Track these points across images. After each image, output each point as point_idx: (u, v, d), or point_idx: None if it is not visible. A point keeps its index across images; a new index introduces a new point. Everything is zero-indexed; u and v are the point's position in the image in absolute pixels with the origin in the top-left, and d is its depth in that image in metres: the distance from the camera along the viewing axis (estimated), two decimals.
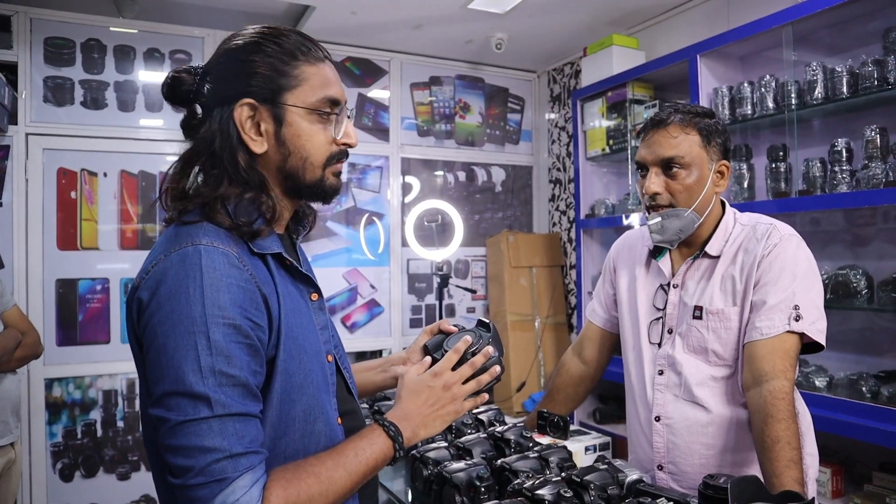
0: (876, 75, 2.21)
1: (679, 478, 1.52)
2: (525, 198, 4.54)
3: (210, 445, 0.83)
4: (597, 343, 1.81)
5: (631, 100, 3.28)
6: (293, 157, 1.01)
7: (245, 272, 0.92)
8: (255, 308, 0.91)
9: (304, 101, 1.00)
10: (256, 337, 0.90)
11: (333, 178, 1.06)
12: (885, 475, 2.22)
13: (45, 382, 3.17)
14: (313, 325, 1.04)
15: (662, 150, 1.48)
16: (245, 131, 0.99)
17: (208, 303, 0.86)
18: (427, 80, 4.21)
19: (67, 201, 3.25)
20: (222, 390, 0.85)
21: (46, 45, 3.20)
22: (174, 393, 0.84)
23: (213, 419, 0.83)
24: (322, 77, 1.02)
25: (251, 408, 0.88)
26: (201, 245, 0.90)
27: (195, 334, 0.85)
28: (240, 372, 0.87)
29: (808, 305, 1.38)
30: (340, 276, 3.90)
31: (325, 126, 1.02)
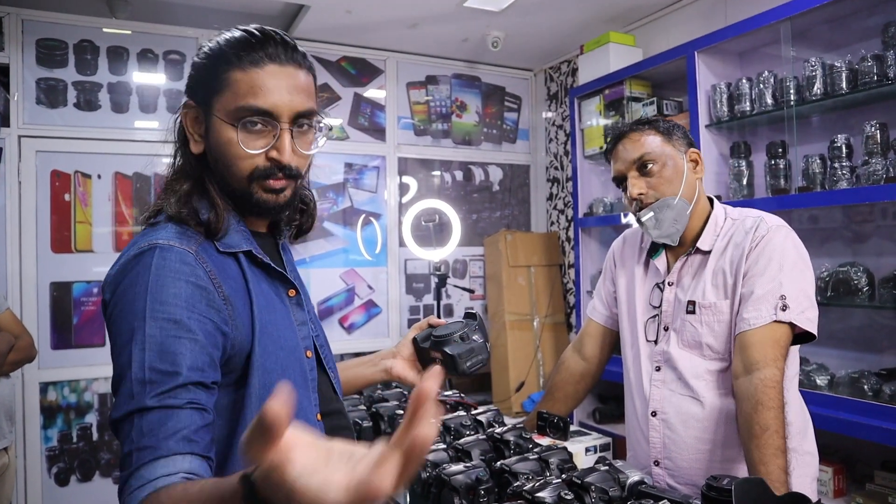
0: (875, 70, 2.20)
1: (675, 473, 1.54)
2: (523, 197, 4.52)
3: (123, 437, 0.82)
4: (597, 340, 1.82)
5: (629, 97, 3.26)
6: (218, 164, 1.00)
7: (200, 269, 0.91)
8: (207, 304, 0.90)
9: (224, 107, 0.96)
10: (205, 332, 0.88)
11: (265, 193, 0.99)
12: (887, 474, 2.20)
13: (39, 386, 3.14)
14: (290, 321, 1.04)
15: (630, 153, 1.55)
16: (189, 130, 1.02)
17: (150, 298, 0.86)
18: (423, 79, 4.19)
19: (61, 204, 3.22)
20: (147, 387, 0.82)
21: (38, 46, 3.18)
22: (115, 389, 0.86)
23: (134, 414, 0.81)
24: (249, 83, 0.95)
25: (173, 400, 0.82)
26: (158, 243, 0.91)
27: (134, 330, 0.85)
28: (172, 367, 0.83)
29: (797, 295, 1.39)
30: (337, 277, 3.87)
31: (247, 139, 0.96)
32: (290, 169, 0.99)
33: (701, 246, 1.54)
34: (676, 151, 1.54)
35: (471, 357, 1.25)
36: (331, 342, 1.21)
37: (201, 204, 0.99)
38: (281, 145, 0.97)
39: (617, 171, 1.58)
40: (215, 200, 1.00)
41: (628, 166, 1.55)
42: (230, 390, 0.95)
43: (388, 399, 2.01)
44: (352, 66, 3.94)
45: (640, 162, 1.53)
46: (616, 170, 1.58)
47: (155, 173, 3.43)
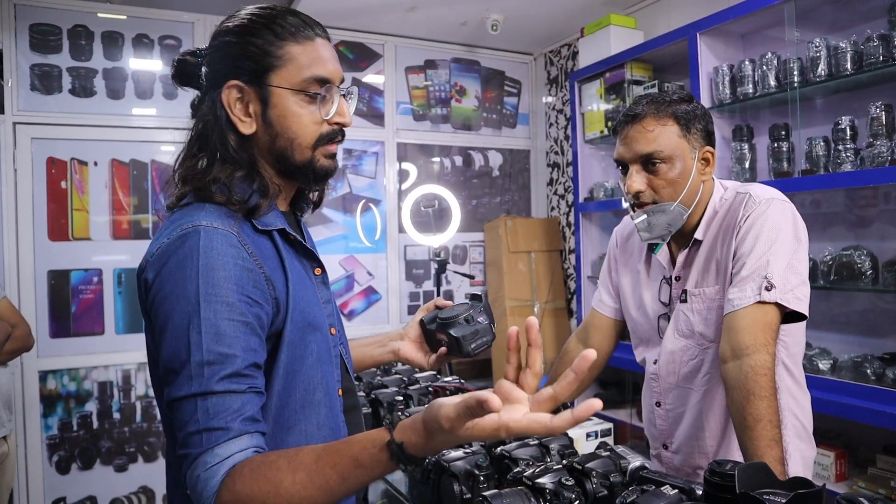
0: (881, 51, 2.16)
1: (681, 457, 1.55)
2: (523, 182, 4.49)
3: (186, 418, 0.86)
4: (604, 332, 1.77)
5: (629, 80, 3.22)
6: (280, 139, 1.02)
7: (244, 251, 0.94)
8: (253, 286, 0.93)
9: (289, 81, 1.00)
10: (254, 315, 0.92)
11: (325, 159, 1.05)
12: (889, 458, 2.20)
13: (38, 375, 3.14)
14: (317, 298, 1.07)
15: (639, 146, 1.41)
16: (233, 112, 1.01)
17: (202, 282, 0.89)
18: (422, 63, 4.14)
19: (58, 191, 3.20)
20: (207, 369, 0.86)
21: (32, 31, 3.14)
22: (170, 370, 0.88)
23: (198, 396, 0.86)
24: (309, 56, 1.01)
25: (237, 385, 0.88)
26: (201, 226, 0.92)
27: (189, 313, 0.88)
28: (229, 349, 0.88)
29: (785, 272, 1.32)
30: (337, 264, 3.86)
31: (315, 106, 1.01)
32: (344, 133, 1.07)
33: (698, 236, 1.48)
34: (689, 148, 1.42)
35: (475, 339, 1.25)
36: None
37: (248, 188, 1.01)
38: (343, 109, 1.05)
39: (619, 155, 1.46)
40: (266, 182, 1.02)
41: (634, 158, 1.43)
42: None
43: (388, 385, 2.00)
44: (349, 50, 3.89)
45: (647, 158, 1.41)
46: (619, 154, 1.46)
47: (152, 160, 3.40)
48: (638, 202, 1.45)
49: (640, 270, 1.65)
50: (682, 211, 1.45)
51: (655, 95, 1.46)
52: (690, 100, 1.46)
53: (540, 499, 1.12)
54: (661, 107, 1.42)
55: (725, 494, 1.02)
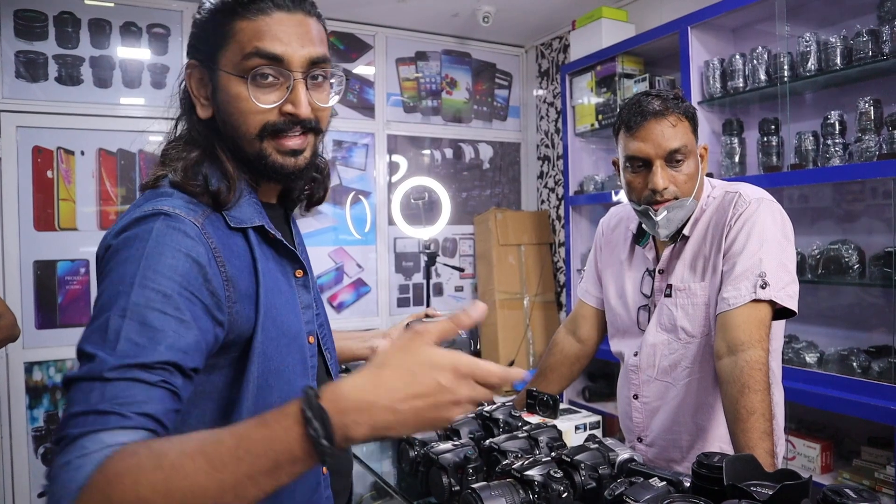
0: (870, 46, 2.17)
1: (655, 451, 1.57)
2: (513, 175, 4.49)
3: (78, 398, 0.70)
4: (592, 322, 1.79)
5: (620, 74, 3.22)
6: (227, 126, 0.92)
7: (201, 245, 0.83)
8: (201, 283, 0.82)
9: (231, 60, 0.89)
10: (194, 314, 0.79)
11: (279, 155, 0.92)
12: (873, 449, 2.22)
13: (24, 366, 3.10)
14: (295, 304, 0.97)
15: (667, 141, 1.40)
16: (194, 94, 0.95)
17: (143, 265, 0.78)
18: (413, 55, 4.12)
19: (44, 181, 3.16)
20: (116, 354, 0.72)
21: (16, 17, 3.09)
22: (79, 349, 0.75)
23: (96, 380, 0.71)
24: (255, 30, 0.87)
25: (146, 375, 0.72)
26: (163, 210, 0.84)
27: (118, 294, 0.77)
28: (150, 342, 0.74)
29: (777, 270, 1.35)
30: (326, 256, 3.84)
31: (259, 91, 0.89)
32: (309, 122, 0.92)
33: (686, 232, 1.50)
34: (695, 145, 1.45)
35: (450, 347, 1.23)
36: None
37: (212, 173, 0.92)
38: (296, 97, 0.90)
39: (642, 152, 1.41)
40: (227, 168, 0.92)
41: (660, 153, 1.40)
42: (227, 371, 0.89)
43: None
44: (340, 41, 3.87)
45: (673, 153, 1.40)
46: (640, 150, 1.41)
47: (140, 150, 3.36)
48: (661, 198, 1.43)
49: (624, 261, 1.66)
50: (694, 206, 1.48)
51: (661, 92, 1.47)
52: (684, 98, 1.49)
53: (529, 491, 1.12)
54: (676, 103, 1.43)
55: (713, 486, 1.02)
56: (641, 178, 1.45)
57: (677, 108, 1.42)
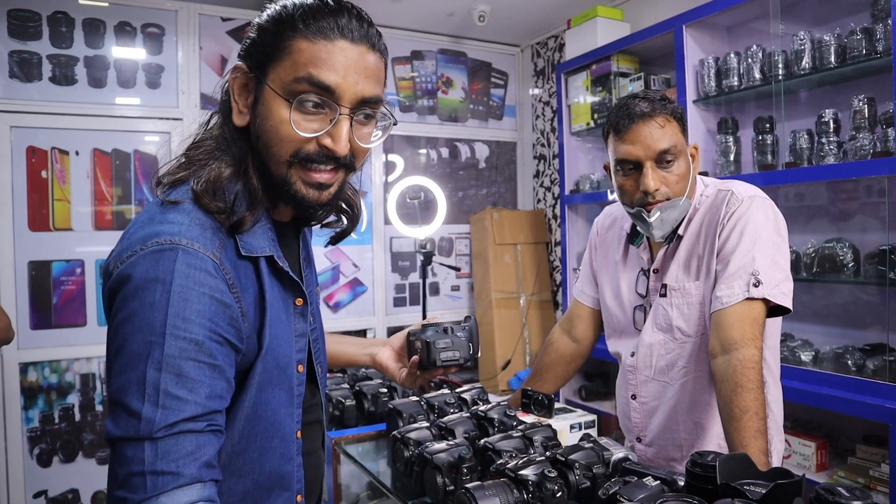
0: (864, 44, 2.17)
1: (654, 451, 1.57)
2: (509, 174, 4.49)
3: (130, 456, 0.74)
4: (587, 321, 1.79)
5: (616, 73, 3.22)
6: (261, 142, 0.89)
7: (223, 281, 0.82)
8: (228, 323, 0.82)
9: (280, 77, 0.85)
10: (224, 355, 0.81)
11: (305, 186, 0.89)
12: (868, 448, 2.22)
13: (19, 367, 3.09)
14: (290, 334, 0.96)
15: (657, 143, 1.39)
16: (234, 98, 0.91)
17: (171, 312, 0.77)
18: (408, 54, 4.12)
19: (38, 181, 3.15)
20: (160, 411, 0.75)
21: (10, 17, 3.08)
22: (118, 403, 0.77)
23: (145, 441, 0.74)
24: (314, 55, 0.84)
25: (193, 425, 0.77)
26: (180, 245, 0.80)
27: (151, 344, 0.76)
28: (190, 394, 0.76)
29: (770, 268, 1.35)
30: (322, 255, 3.84)
31: (304, 117, 0.85)
32: (344, 159, 0.89)
33: (679, 231, 1.50)
34: (685, 144, 1.45)
35: (446, 349, 1.23)
36: None
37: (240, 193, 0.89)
38: (337, 132, 0.86)
39: (631, 154, 1.41)
40: (254, 190, 0.89)
41: (650, 155, 1.40)
42: None
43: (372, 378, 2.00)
44: None
45: (663, 154, 1.40)
46: (630, 153, 1.41)
47: (135, 150, 3.36)
48: (653, 200, 1.43)
49: (618, 261, 1.66)
50: (687, 205, 1.47)
51: (651, 94, 1.46)
52: (672, 99, 1.49)
53: (523, 490, 1.12)
54: (664, 105, 1.43)
55: (706, 485, 1.02)
56: (632, 180, 1.44)
57: (664, 109, 1.42)
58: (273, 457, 0.93)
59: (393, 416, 1.60)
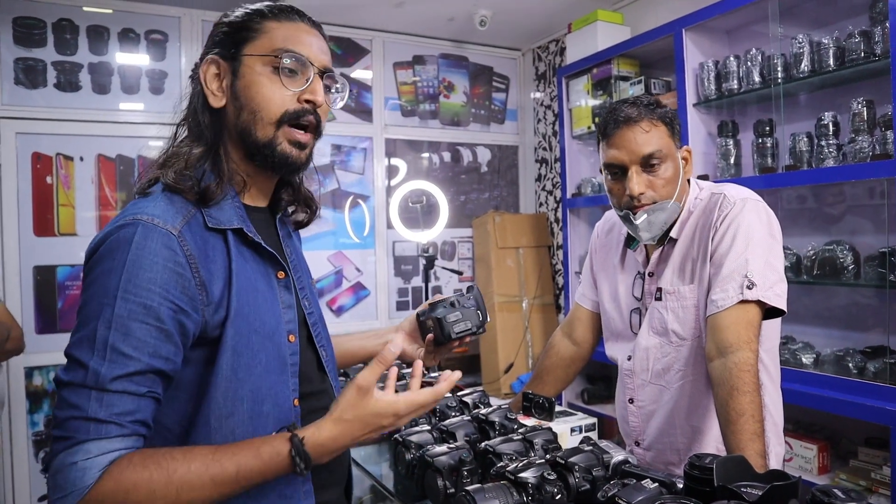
0: (862, 47, 2.18)
1: (653, 454, 1.57)
2: (511, 178, 4.50)
3: (75, 403, 0.83)
4: (588, 325, 1.80)
5: (616, 76, 3.24)
6: (245, 111, 1.00)
7: (180, 254, 0.90)
8: (181, 291, 0.90)
9: (259, 50, 0.99)
10: (175, 322, 0.89)
11: (289, 145, 1.01)
12: (870, 450, 2.22)
13: (24, 371, 3.12)
14: (274, 304, 1.03)
15: (640, 147, 1.42)
16: (207, 86, 1.02)
17: (125, 278, 0.86)
18: (410, 59, 4.14)
19: (43, 187, 3.18)
20: (106, 365, 0.83)
21: (15, 24, 3.11)
22: (70, 355, 0.86)
23: (91, 390, 0.83)
24: (287, 32, 1.00)
25: (135, 387, 0.85)
26: (141, 220, 0.90)
27: (103, 305, 0.86)
28: (134, 351, 0.85)
29: (764, 270, 1.36)
30: (325, 260, 3.85)
31: (284, 80, 1.00)
32: (318, 117, 1.03)
33: (673, 234, 1.51)
34: (675, 147, 1.47)
35: (458, 322, 1.27)
36: None
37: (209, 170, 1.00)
38: (314, 87, 1.01)
39: (616, 159, 1.44)
40: (223, 167, 1.00)
41: (634, 159, 1.43)
42: (198, 367, 0.95)
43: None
44: (337, 45, 3.88)
45: (648, 158, 1.42)
46: (615, 158, 1.44)
47: (139, 155, 3.38)
48: (639, 203, 1.45)
49: (616, 265, 1.68)
50: (676, 208, 1.49)
51: (638, 99, 1.48)
52: (663, 104, 1.50)
53: (522, 493, 1.13)
54: (650, 109, 1.45)
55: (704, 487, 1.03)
56: (620, 184, 1.47)
57: (651, 113, 1.44)
58: (267, 421, 0.99)
59: None
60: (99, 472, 0.80)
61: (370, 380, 0.90)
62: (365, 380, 0.90)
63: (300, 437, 0.88)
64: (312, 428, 0.90)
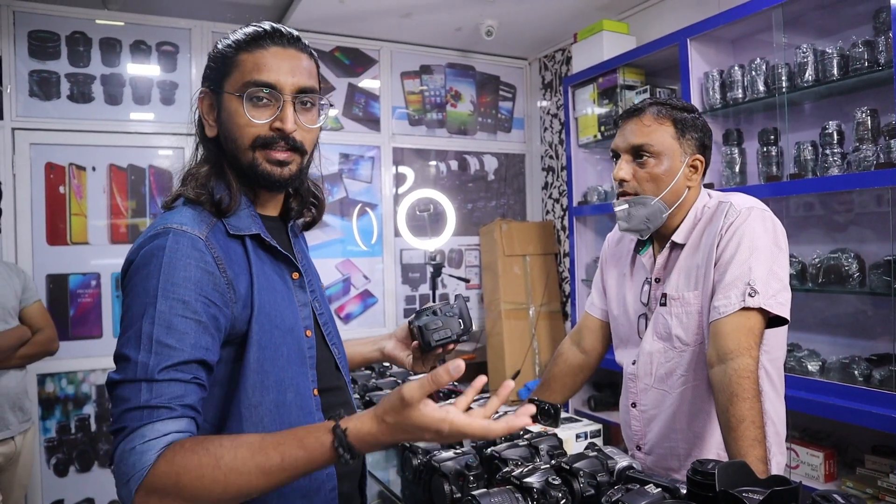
0: (866, 56, 2.20)
1: (653, 459, 1.58)
2: (518, 186, 4.52)
3: (127, 396, 0.89)
4: (597, 334, 1.82)
5: (622, 85, 3.26)
6: (227, 141, 1.09)
7: (209, 255, 0.99)
8: (213, 288, 0.98)
9: (233, 85, 1.07)
10: (210, 315, 0.97)
11: (268, 164, 1.07)
12: (877, 458, 2.22)
13: (37, 378, 3.16)
14: (291, 301, 1.11)
15: (633, 137, 1.50)
16: (204, 116, 1.12)
17: (163, 278, 0.94)
18: (417, 68, 4.18)
19: (56, 196, 3.23)
20: (153, 357, 0.90)
21: (31, 38, 3.17)
22: (119, 355, 0.93)
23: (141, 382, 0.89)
24: (254, 63, 1.06)
25: (181, 375, 0.92)
26: (171, 228, 0.99)
27: (146, 304, 0.93)
28: (177, 343, 0.92)
29: (767, 278, 1.37)
30: (333, 267, 3.88)
31: (252, 111, 1.05)
32: (294, 140, 1.07)
33: (675, 239, 1.53)
34: (681, 152, 1.49)
35: (438, 330, 1.30)
36: None
37: (218, 185, 1.08)
38: (284, 115, 1.06)
39: (615, 144, 1.55)
40: (230, 181, 1.08)
41: (626, 147, 1.52)
42: (229, 363, 1.03)
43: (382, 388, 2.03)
44: (345, 56, 3.93)
45: (638, 149, 1.49)
46: (614, 143, 1.55)
47: (150, 165, 3.43)
48: (622, 190, 1.53)
49: (626, 272, 1.70)
50: (661, 208, 1.51)
51: (663, 99, 1.55)
52: (693, 110, 1.53)
53: (528, 498, 1.14)
54: (662, 108, 1.50)
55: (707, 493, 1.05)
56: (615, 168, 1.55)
57: (662, 111, 1.49)
58: (290, 410, 1.06)
59: None
60: (156, 455, 0.86)
61: (415, 396, 0.87)
62: (410, 395, 0.87)
63: (343, 427, 0.89)
64: (355, 420, 0.91)
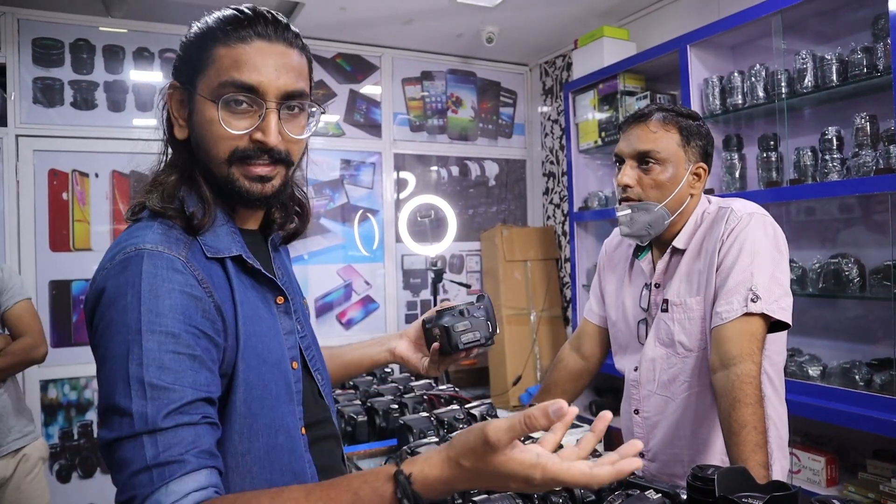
0: (865, 62, 2.21)
1: (657, 466, 1.58)
2: (519, 191, 4.53)
3: (129, 458, 0.75)
4: (596, 339, 1.82)
5: (622, 91, 3.27)
6: (200, 149, 0.93)
7: (192, 276, 0.85)
8: (202, 316, 0.84)
9: (207, 85, 0.90)
10: (203, 347, 0.83)
11: (247, 181, 0.91)
12: (878, 462, 2.22)
13: (40, 384, 3.16)
14: (276, 331, 0.97)
15: (639, 143, 1.50)
16: (173, 114, 0.96)
17: (144, 309, 0.79)
18: (418, 74, 4.20)
19: (59, 203, 3.24)
20: (150, 404, 0.76)
21: (34, 45, 3.19)
22: (107, 408, 0.78)
23: (143, 435, 0.75)
24: (233, 59, 0.88)
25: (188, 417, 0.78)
26: (144, 249, 0.84)
27: (129, 342, 0.78)
28: (174, 384, 0.78)
29: (769, 284, 1.38)
30: (335, 273, 3.89)
31: (231, 117, 0.89)
32: (278, 153, 0.92)
33: (676, 244, 1.54)
34: (685, 159, 1.50)
35: (466, 332, 1.21)
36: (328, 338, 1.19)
37: (189, 197, 0.92)
38: (266, 126, 0.89)
39: (619, 150, 1.55)
40: (204, 193, 0.92)
41: (631, 153, 1.51)
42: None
43: (384, 394, 2.03)
44: (347, 62, 3.95)
45: (643, 155, 1.50)
46: (619, 148, 1.55)
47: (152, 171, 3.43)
48: (625, 196, 1.52)
49: (624, 277, 1.70)
50: (664, 214, 1.51)
51: (668, 105, 1.54)
52: (697, 118, 1.54)
53: (528, 503, 1.15)
54: (668, 114, 1.51)
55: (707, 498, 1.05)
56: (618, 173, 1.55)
57: (668, 118, 1.50)
58: (282, 453, 0.93)
59: (403, 431, 1.64)
60: None
61: (503, 440, 0.69)
62: (497, 437, 0.69)
63: (406, 473, 0.72)
64: (420, 463, 0.74)
